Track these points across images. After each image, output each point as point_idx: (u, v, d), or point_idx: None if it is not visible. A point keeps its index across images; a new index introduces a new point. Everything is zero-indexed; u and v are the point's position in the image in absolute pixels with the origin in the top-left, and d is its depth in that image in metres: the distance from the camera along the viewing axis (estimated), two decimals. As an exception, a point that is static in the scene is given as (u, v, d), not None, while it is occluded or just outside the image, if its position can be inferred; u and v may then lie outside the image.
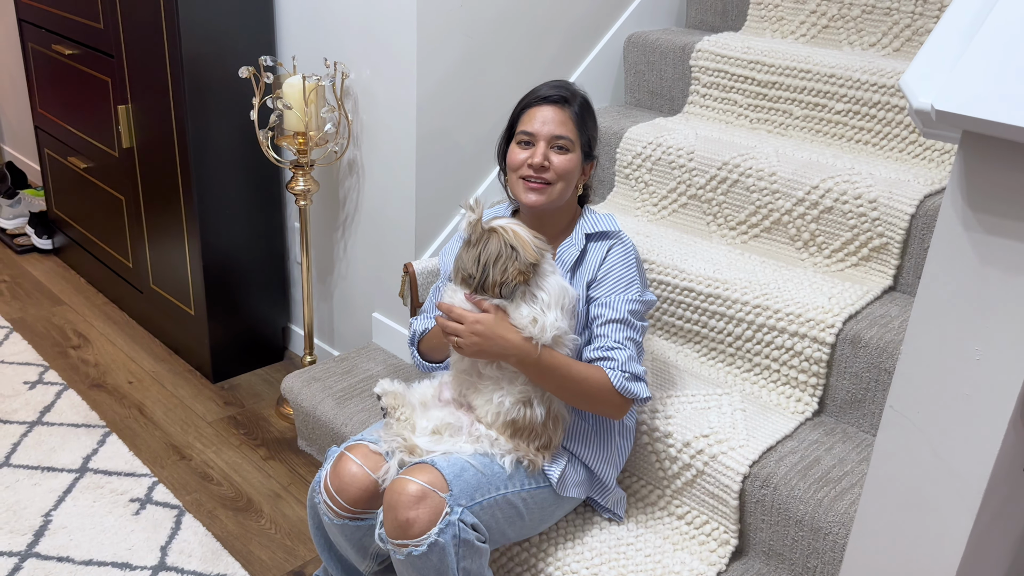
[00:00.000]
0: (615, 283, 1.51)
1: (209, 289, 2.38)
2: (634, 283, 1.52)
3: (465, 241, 1.44)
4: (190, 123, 2.20)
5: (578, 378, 1.43)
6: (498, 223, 1.43)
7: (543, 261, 1.44)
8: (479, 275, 1.40)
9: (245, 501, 2.03)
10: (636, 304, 1.50)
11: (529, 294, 1.43)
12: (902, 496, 1.07)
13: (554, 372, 1.42)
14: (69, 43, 2.63)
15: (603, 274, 1.53)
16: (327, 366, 2.13)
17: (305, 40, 2.22)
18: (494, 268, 1.39)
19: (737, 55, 2.15)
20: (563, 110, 1.53)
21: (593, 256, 1.54)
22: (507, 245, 1.40)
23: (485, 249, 1.40)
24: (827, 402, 1.71)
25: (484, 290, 1.42)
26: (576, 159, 1.54)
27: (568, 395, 1.46)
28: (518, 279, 1.39)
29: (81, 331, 2.73)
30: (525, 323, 1.41)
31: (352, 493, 1.43)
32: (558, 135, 1.52)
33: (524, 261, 1.40)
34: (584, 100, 1.58)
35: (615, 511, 1.63)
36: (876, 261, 1.79)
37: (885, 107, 1.96)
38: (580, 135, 1.55)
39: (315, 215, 2.38)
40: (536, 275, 1.43)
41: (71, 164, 2.85)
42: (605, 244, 1.55)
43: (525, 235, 1.43)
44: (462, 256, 1.44)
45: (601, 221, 1.58)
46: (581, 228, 1.58)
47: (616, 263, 1.53)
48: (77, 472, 2.07)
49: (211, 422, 2.32)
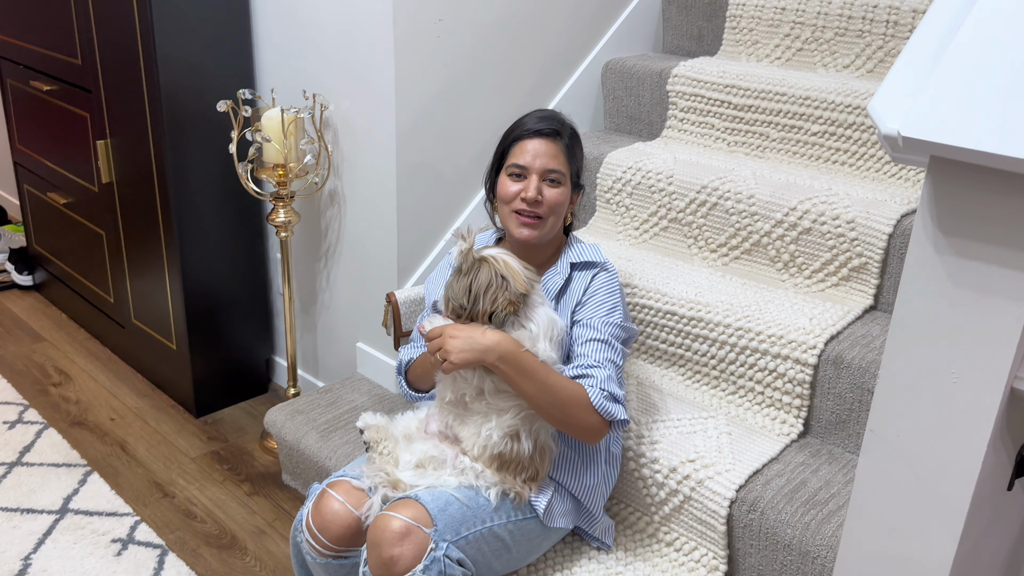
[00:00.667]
0: (598, 306, 1.51)
1: (191, 323, 2.37)
2: (617, 308, 1.52)
3: (456, 270, 1.44)
4: (169, 157, 2.20)
5: (557, 386, 1.40)
6: (489, 253, 1.43)
7: (533, 292, 1.44)
8: (469, 304, 1.40)
9: (229, 538, 2.00)
10: (618, 328, 1.50)
11: (518, 325, 1.42)
12: (885, 520, 1.07)
13: (534, 374, 1.39)
14: (47, 79, 2.62)
15: (587, 297, 1.53)
16: (311, 398, 2.11)
17: (284, 72, 2.22)
18: (484, 297, 1.39)
19: (713, 79, 2.17)
20: (554, 143, 1.54)
21: (578, 284, 1.54)
22: (497, 275, 1.40)
23: (476, 279, 1.40)
24: (812, 423, 1.71)
25: (473, 320, 1.41)
26: (567, 192, 1.55)
27: (545, 404, 1.41)
28: (508, 309, 1.39)
29: (62, 368, 2.71)
30: None
31: (335, 531, 1.41)
32: (550, 168, 1.52)
33: (514, 291, 1.40)
34: (573, 131, 1.59)
35: (603, 540, 1.62)
36: (856, 281, 1.80)
37: (860, 128, 1.98)
38: (571, 166, 1.56)
39: (297, 246, 2.37)
40: (525, 306, 1.43)
41: (51, 200, 2.84)
42: (590, 273, 1.55)
43: (516, 265, 1.43)
44: (452, 285, 1.43)
45: (587, 251, 1.59)
46: (567, 257, 1.58)
47: (600, 288, 1.53)
48: (57, 513, 2.04)
49: (194, 458, 2.29)
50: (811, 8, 2.18)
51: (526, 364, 1.39)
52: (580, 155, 1.60)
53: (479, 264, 1.41)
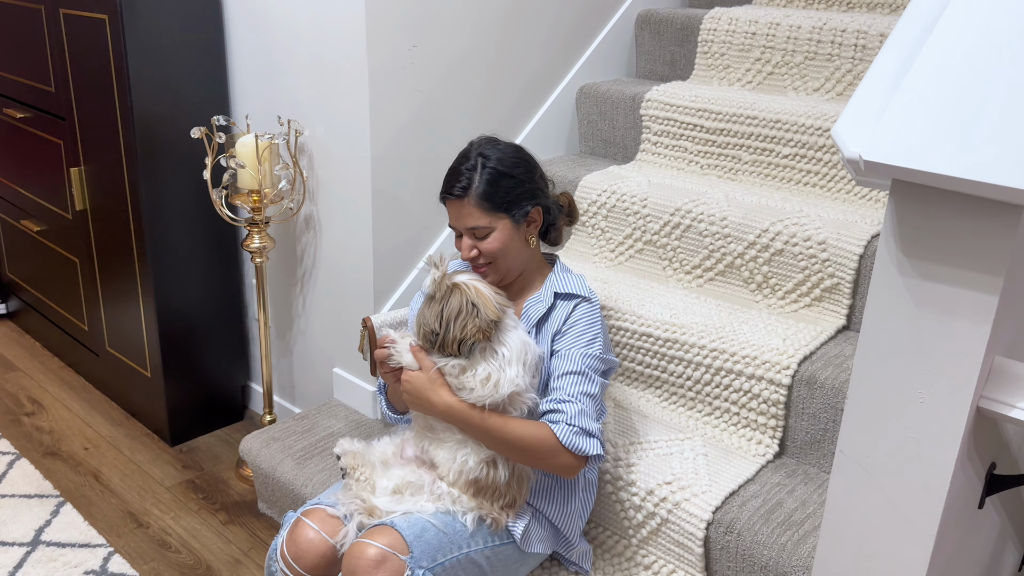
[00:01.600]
0: (578, 336, 1.48)
1: (165, 350, 2.35)
2: (597, 339, 1.49)
3: (428, 297, 1.44)
4: (143, 184, 2.19)
5: (514, 437, 1.39)
6: (460, 279, 1.43)
7: (505, 317, 1.44)
8: (441, 331, 1.39)
9: (204, 568, 1.97)
10: (597, 360, 1.47)
11: (490, 350, 1.41)
12: (857, 541, 1.07)
13: (488, 432, 1.40)
14: (20, 106, 2.61)
15: (567, 327, 1.50)
16: (287, 425, 2.10)
17: (258, 98, 2.22)
18: (454, 324, 1.39)
19: (686, 103, 2.20)
20: (463, 201, 1.49)
21: (559, 312, 1.53)
22: (468, 302, 1.40)
23: (447, 305, 1.40)
24: (787, 443, 1.72)
25: (444, 346, 1.41)
26: (502, 234, 1.50)
27: (509, 454, 1.43)
28: (477, 336, 1.39)
29: (35, 397, 2.67)
30: (475, 383, 1.39)
31: (310, 560, 1.40)
32: (470, 227, 1.50)
33: (485, 318, 1.39)
34: (491, 168, 1.49)
35: (581, 564, 1.61)
36: (828, 301, 1.81)
37: (830, 150, 2.01)
38: (495, 209, 1.49)
39: (272, 272, 2.36)
40: (497, 331, 1.43)
41: (24, 227, 2.81)
42: (572, 302, 1.53)
43: (487, 292, 1.43)
44: (424, 312, 1.43)
45: (572, 283, 1.56)
46: (551, 286, 1.56)
47: (581, 319, 1.50)
48: (29, 545, 2.00)
49: (169, 487, 2.26)
50: (781, 33, 2.22)
51: (476, 424, 1.40)
52: (510, 183, 1.49)
53: (450, 291, 1.41)
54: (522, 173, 1.52)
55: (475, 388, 1.39)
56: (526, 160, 1.55)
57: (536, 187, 1.54)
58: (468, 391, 1.40)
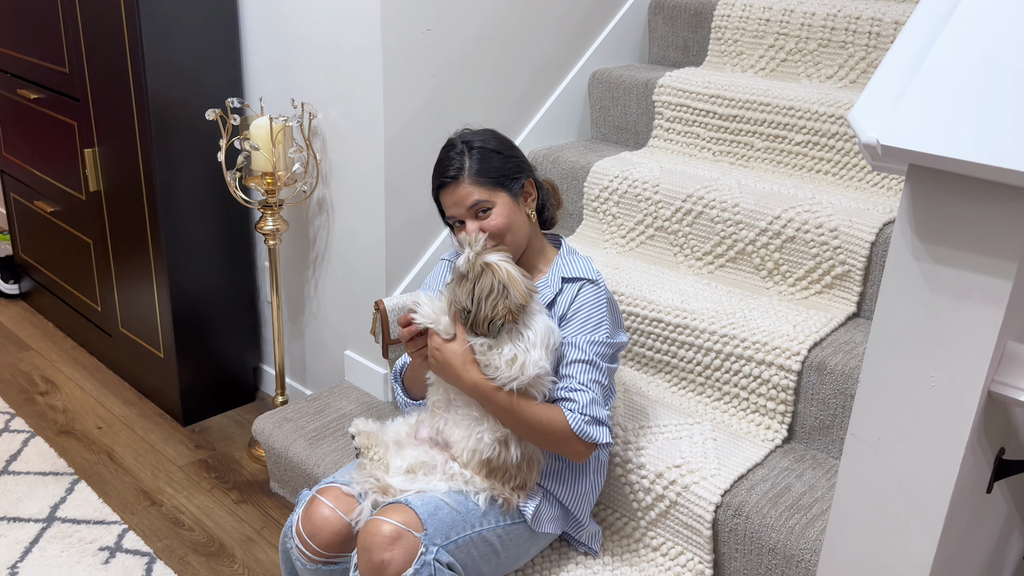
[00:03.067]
0: (583, 323, 1.49)
1: (178, 331, 2.37)
2: (603, 324, 1.50)
3: (460, 275, 1.44)
4: (157, 165, 2.20)
5: (533, 420, 1.42)
6: (492, 258, 1.44)
7: (532, 301, 1.45)
8: (474, 309, 1.41)
9: (217, 546, 2.00)
10: (603, 346, 1.48)
11: (516, 332, 1.43)
12: (867, 524, 1.09)
13: (509, 411, 1.42)
14: (34, 87, 2.62)
15: (572, 312, 1.51)
16: (299, 406, 2.12)
17: (272, 81, 2.23)
18: (485, 303, 1.40)
19: (698, 89, 2.20)
20: (459, 183, 1.51)
21: (565, 296, 1.54)
22: (499, 283, 1.41)
23: (479, 284, 1.42)
24: (796, 429, 1.73)
25: (475, 325, 1.42)
26: (504, 207, 1.51)
27: (525, 435, 1.45)
28: (507, 317, 1.40)
29: (49, 377, 2.69)
30: (501, 363, 1.41)
31: (325, 537, 1.42)
32: (471, 205, 1.51)
33: (515, 301, 1.41)
34: (478, 150, 1.53)
35: (590, 545, 1.63)
36: (839, 288, 1.82)
37: (843, 138, 2.01)
38: (491, 183, 1.51)
39: (285, 254, 2.38)
40: (524, 314, 1.44)
41: (38, 208, 2.83)
42: (577, 285, 1.54)
43: (516, 275, 1.44)
44: (455, 290, 1.44)
45: (579, 266, 1.56)
46: (558, 270, 1.57)
47: (586, 303, 1.51)
48: (44, 522, 2.03)
49: (182, 466, 2.29)
50: (795, 20, 2.21)
51: (501, 403, 1.42)
52: (500, 158, 1.53)
53: (482, 271, 1.43)
54: (507, 149, 1.57)
55: (500, 367, 1.40)
56: (508, 142, 1.60)
57: (523, 161, 1.59)
58: (494, 369, 1.41)
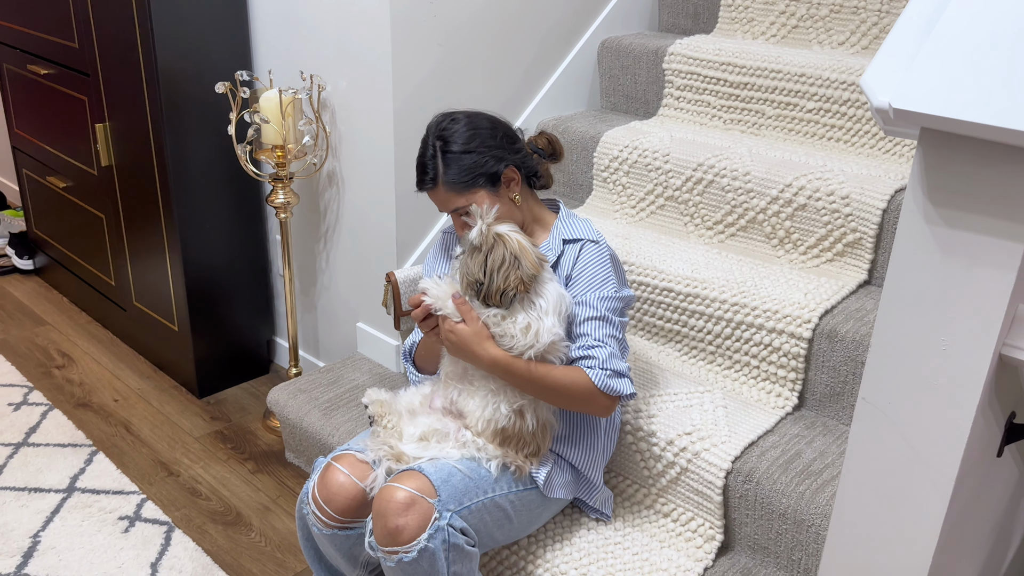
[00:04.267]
0: (590, 280, 1.51)
1: (192, 305, 2.39)
2: (609, 280, 1.51)
3: (472, 247, 1.45)
4: (168, 139, 2.21)
5: (556, 384, 1.44)
6: (502, 229, 1.45)
7: (542, 270, 1.46)
8: (486, 281, 1.42)
9: (234, 515, 2.03)
10: (613, 301, 1.50)
11: (528, 301, 1.44)
12: (877, 487, 1.09)
13: (529, 379, 1.43)
14: (44, 63, 2.62)
15: (577, 272, 1.52)
16: (312, 377, 2.14)
17: (281, 53, 2.23)
18: (498, 274, 1.42)
19: (709, 57, 2.18)
20: (437, 190, 1.52)
21: (567, 258, 1.55)
22: (511, 254, 1.42)
23: (491, 256, 1.43)
24: (807, 396, 1.74)
25: (488, 296, 1.43)
26: (484, 203, 1.49)
27: (550, 400, 1.48)
28: (519, 288, 1.42)
29: (65, 351, 2.73)
30: (516, 331, 1.42)
31: (340, 503, 1.44)
32: (452, 210, 1.53)
33: (526, 271, 1.42)
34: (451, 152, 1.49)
35: (602, 511, 1.65)
36: (850, 256, 1.82)
37: (855, 104, 1.99)
38: (467, 186, 1.49)
39: (296, 227, 2.39)
40: (536, 282, 1.45)
41: (50, 184, 2.84)
42: (579, 245, 1.55)
43: (527, 244, 1.45)
44: (467, 263, 1.45)
45: (578, 228, 1.57)
46: (559, 233, 1.59)
47: (590, 261, 1.52)
48: (65, 492, 2.07)
49: (198, 437, 2.32)
50: (806, -15, 2.19)
51: (521, 373, 1.43)
52: (469, 159, 1.49)
53: (494, 242, 1.44)
54: (479, 144, 1.51)
55: (516, 336, 1.42)
56: (483, 128, 1.53)
57: (501, 150, 1.52)
58: (509, 338, 1.43)
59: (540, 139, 1.65)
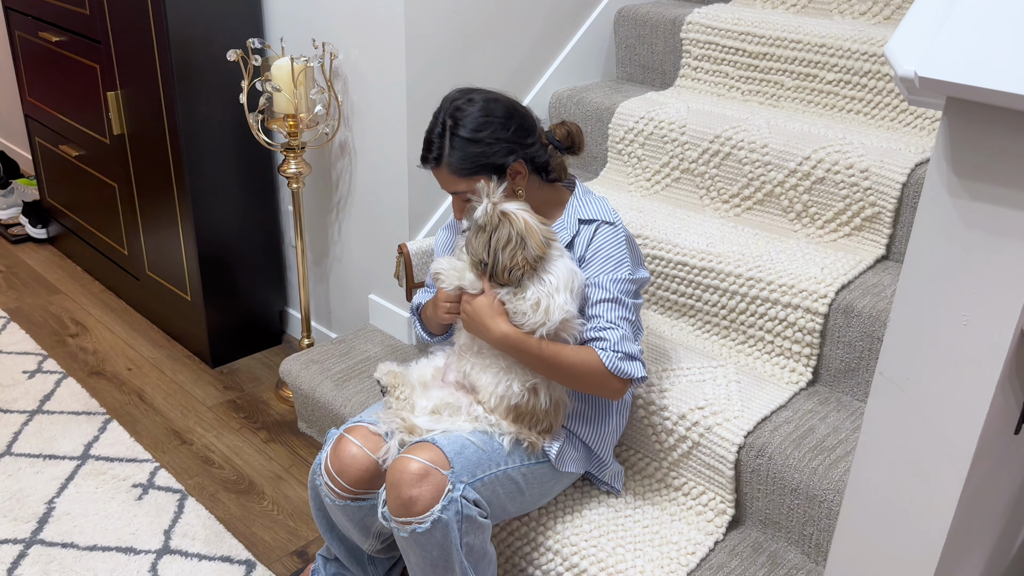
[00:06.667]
0: (604, 262, 1.48)
1: (205, 274, 2.39)
2: (624, 262, 1.49)
3: (478, 226, 1.42)
4: (180, 108, 2.19)
5: (567, 364, 1.42)
6: (509, 208, 1.42)
7: (550, 249, 1.44)
8: (491, 261, 1.41)
9: (247, 484, 2.05)
10: (627, 283, 1.48)
11: (537, 278, 1.42)
12: (893, 462, 1.08)
13: (541, 358, 1.42)
14: (56, 30, 2.61)
15: (591, 253, 1.50)
16: (325, 348, 2.14)
17: (293, 21, 2.20)
18: (503, 254, 1.39)
19: (727, 26, 2.14)
20: (439, 170, 1.48)
21: (582, 238, 1.52)
22: (517, 234, 1.40)
23: (496, 235, 1.40)
24: (821, 372, 1.72)
25: (495, 276, 1.42)
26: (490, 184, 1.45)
27: (560, 380, 1.46)
28: (525, 267, 1.40)
29: (78, 319, 2.74)
30: (527, 308, 1.40)
31: (353, 474, 1.44)
32: (453, 192, 1.50)
33: (531, 252, 1.40)
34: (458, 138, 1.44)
35: (613, 484, 1.65)
36: (868, 231, 1.79)
37: (876, 76, 1.96)
38: (472, 173, 1.45)
39: (308, 198, 2.38)
40: (544, 261, 1.43)
41: (63, 152, 2.84)
42: (594, 226, 1.52)
43: (534, 224, 1.42)
44: (472, 242, 1.43)
45: (594, 207, 1.54)
46: (574, 212, 1.55)
47: (604, 242, 1.50)
48: (79, 459, 2.09)
49: (211, 406, 2.33)
50: (828, -47, 2.14)
51: (532, 351, 1.42)
52: (476, 148, 1.44)
53: (500, 221, 1.41)
54: (489, 135, 1.44)
55: (527, 313, 1.40)
56: (496, 117, 1.46)
57: (512, 143, 1.46)
58: (521, 315, 1.41)
59: (560, 129, 1.56)
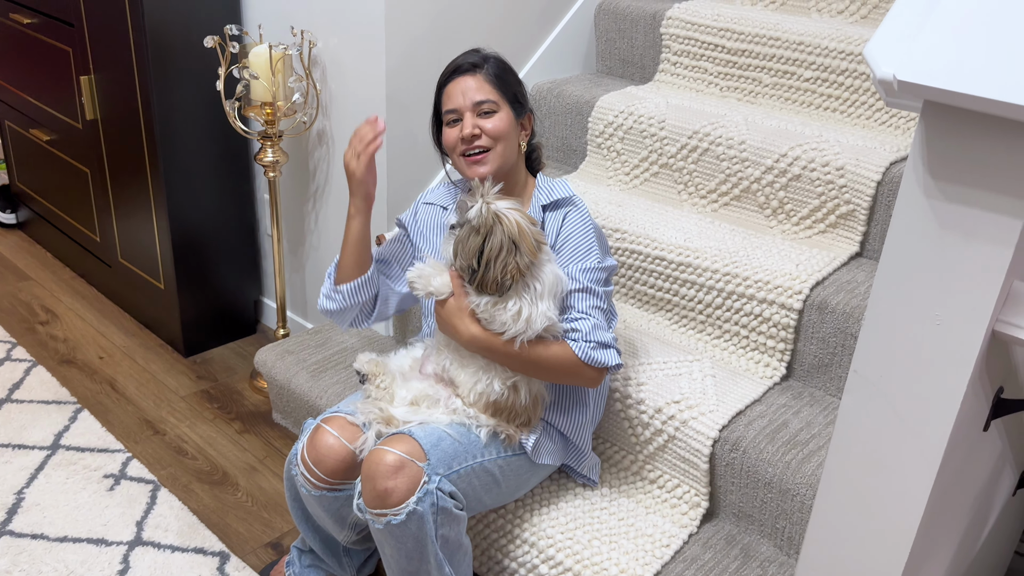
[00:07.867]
0: (573, 252, 1.49)
1: (179, 262, 2.36)
2: (592, 250, 1.50)
3: (471, 228, 1.39)
4: (155, 94, 2.16)
5: (539, 360, 1.42)
6: (501, 208, 1.39)
7: (541, 252, 1.42)
8: (480, 270, 1.38)
9: (221, 475, 2.03)
10: (596, 272, 1.48)
11: (523, 284, 1.40)
12: (865, 457, 1.10)
13: (513, 358, 1.42)
14: (27, 11, 2.56)
15: (561, 243, 1.51)
16: (301, 339, 2.13)
17: (271, 8, 2.18)
18: (495, 264, 1.37)
19: (707, 22, 2.15)
20: (474, 75, 1.52)
21: (550, 226, 1.53)
22: (508, 239, 1.37)
23: (488, 243, 1.37)
24: (795, 367, 1.75)
25: (483, 285, 1.39)
26: (507, 117, 1.52)
27: (535, 375, 1.47)
28: (515, 276, 1.38)
29: (49, 306, 2.70)
30: (507, 318, 1.39)
31: (329, 464, 1.44)
32: (479, 100, 1.50)
33: (523, 260, 1.38)
34: (496, 59, 1.56)
35: (589, 476, 1.66)
36: (843, 228, 1.82)
37: (853, 74, 1.98)
38: (503, 92, 1.53)
39: (285, 186, 2.36)
40: (532, 267, 1.41)
41: (33, 136, 2.79)
42: (560, 213, 1.54)
43: (526, 226, 1.39)
44: (464, 243, 1.40)
45: (555, 189, 1.57)
46: (537, 200, 1.56)
47: (573, 231, 1.51)
48: (49, 449, 2.06)
49: (184, 396, 2.31)
50: (807, -49, 2.16)
51: (500, 350, 1.42)
52: (514, 80, 1.57)
53: (493, 224, 1.38)
54: (515, 79, 1.58)
55: (507, 322, 1.39)
56: (515, 74, 1.60)
57: (526, 99, 1.60)
58: (500, 325, 1.40)
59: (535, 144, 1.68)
